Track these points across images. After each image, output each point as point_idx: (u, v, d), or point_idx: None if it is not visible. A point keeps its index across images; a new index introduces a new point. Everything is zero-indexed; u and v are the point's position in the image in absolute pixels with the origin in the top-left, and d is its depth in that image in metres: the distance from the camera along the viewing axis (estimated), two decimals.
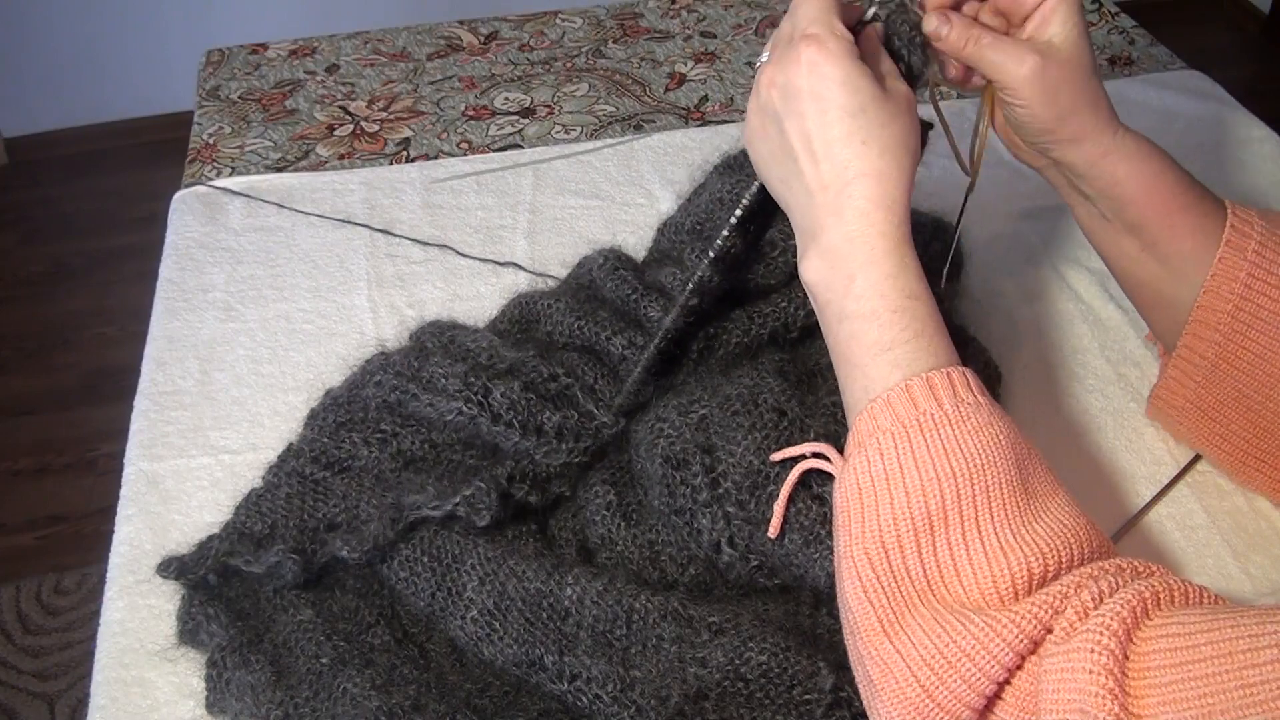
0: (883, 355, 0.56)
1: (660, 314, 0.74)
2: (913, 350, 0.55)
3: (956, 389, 0.54)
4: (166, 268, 0.99)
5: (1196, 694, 0.42)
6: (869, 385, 0.56)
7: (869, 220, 0.57)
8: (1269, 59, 2.88)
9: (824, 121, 0.58)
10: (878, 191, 0.57)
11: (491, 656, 0.64)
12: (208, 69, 1.30)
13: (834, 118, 0.58)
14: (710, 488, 0.65)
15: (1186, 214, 0.67)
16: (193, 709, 0.66)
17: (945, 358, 0.56)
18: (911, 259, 0.58)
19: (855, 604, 0.53)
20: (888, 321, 0.56)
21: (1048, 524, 0.52)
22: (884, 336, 0.56)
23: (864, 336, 0.57)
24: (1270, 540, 0.73)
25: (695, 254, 0.74)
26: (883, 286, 0.57)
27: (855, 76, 0.58)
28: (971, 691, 0.48)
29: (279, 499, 0.70)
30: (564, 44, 1.32)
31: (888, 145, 0.58)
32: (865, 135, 0.57)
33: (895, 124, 0.58)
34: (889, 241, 0.57)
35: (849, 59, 0.58)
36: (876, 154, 0.57)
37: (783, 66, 0.59)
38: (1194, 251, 0.67)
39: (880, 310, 0.56)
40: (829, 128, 0.58)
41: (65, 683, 1.59)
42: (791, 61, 0.59)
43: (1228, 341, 0.68)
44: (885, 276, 0.57)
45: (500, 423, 0.70)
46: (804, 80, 0.58)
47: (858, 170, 0.57)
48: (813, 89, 0.58)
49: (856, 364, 0.57)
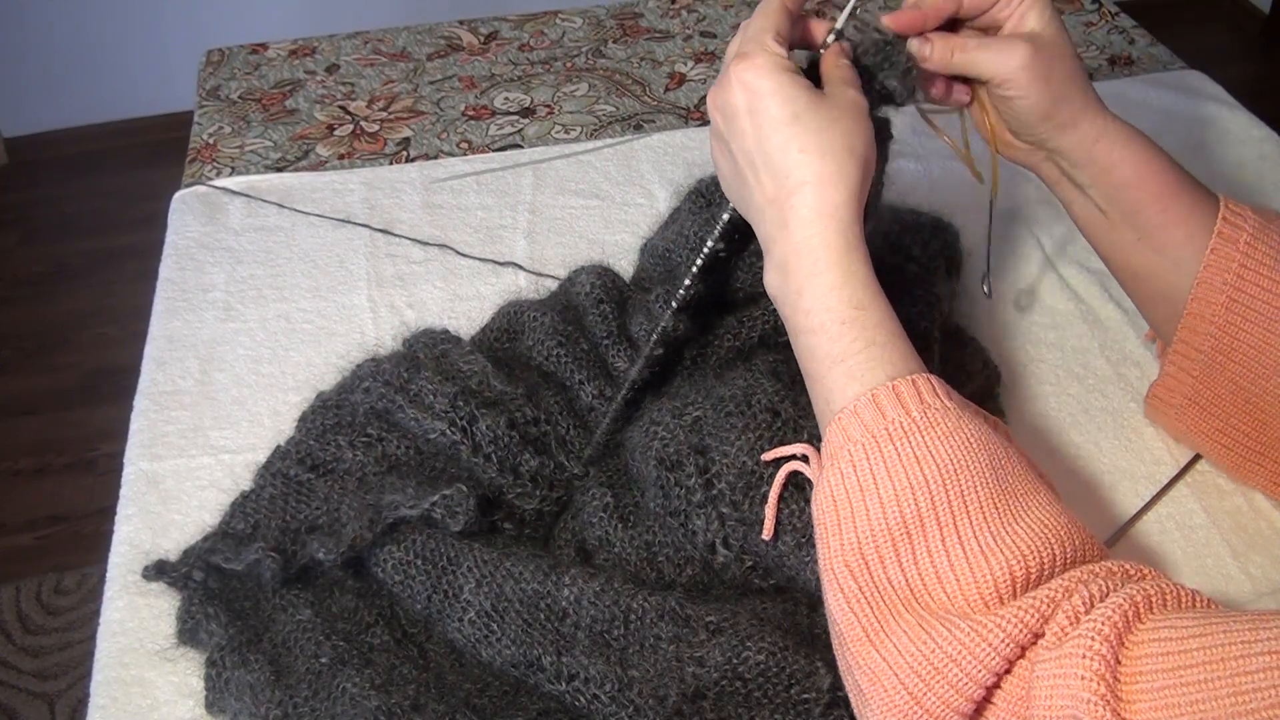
0: (836, 368, 0.56)
1: (627, 364, 0.76)
2: (865, 361, 0.56)
3: (923, 395, 0.54)
4: (166, 268, 0.99)
5: (1188, 699, 0.42)
6: (829, 398, 0.56)
7: (813, 230, 0.58)
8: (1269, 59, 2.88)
9: (760, 135, 0.59)
10: (819, 200, 0.58)
11: (490, 658, 0.64)
12: (208, 69, 1.30)
13: (770, 129, 0.59)
14: (704, 489, 0.65)
15: (1179, 198, 0.68)
16: (192, 709, 0.66)
17: (903, 364, 0.56)
18: (860, 266, 0.58)
19: (839, 615, 0.53)
20: (836, 334, 0.56)
21: (1028, 524, 0.52)
22: (834, 349, 0.56)
23: (817, 350, 0.57)
24: (1270, 540, 0.73)
25: (660, 303, 0.74)
26: (828, 299, 0.57)
27: (785, 86, 0.58)
28: (960, 697, 0.48)
29: (263, 500, 0.71)
30: (564, 44, 1.32)
31: (827, 149, 0.58)
32: (802, 143, 0.58)
33: (834, 128, 0.58)
34: (834, 252, 0.57)
35: (778, 71, 0.59)
36: (817, 159, 0.58)
37: (721, 88, 0.61)
38: (1188, 239, 0.68)
39: (828, 323, 0.57)
40: (766, 140, 0.59)
41: (65, 683, 1.60)
42: (725, 82, 0.60)
43: (1222, 334, 0.68)
44: (830, 288, 0.57)
45: (480, 454, 0.71)
46: (739, 98, 0.60)
47: (798, 179, 0.58)
48: (748, 105, 0.59)
49: (816, 377, 0.58)
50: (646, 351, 0.72)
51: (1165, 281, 0.70)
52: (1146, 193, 0.68)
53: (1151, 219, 0.68)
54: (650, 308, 0.76)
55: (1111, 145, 0.67)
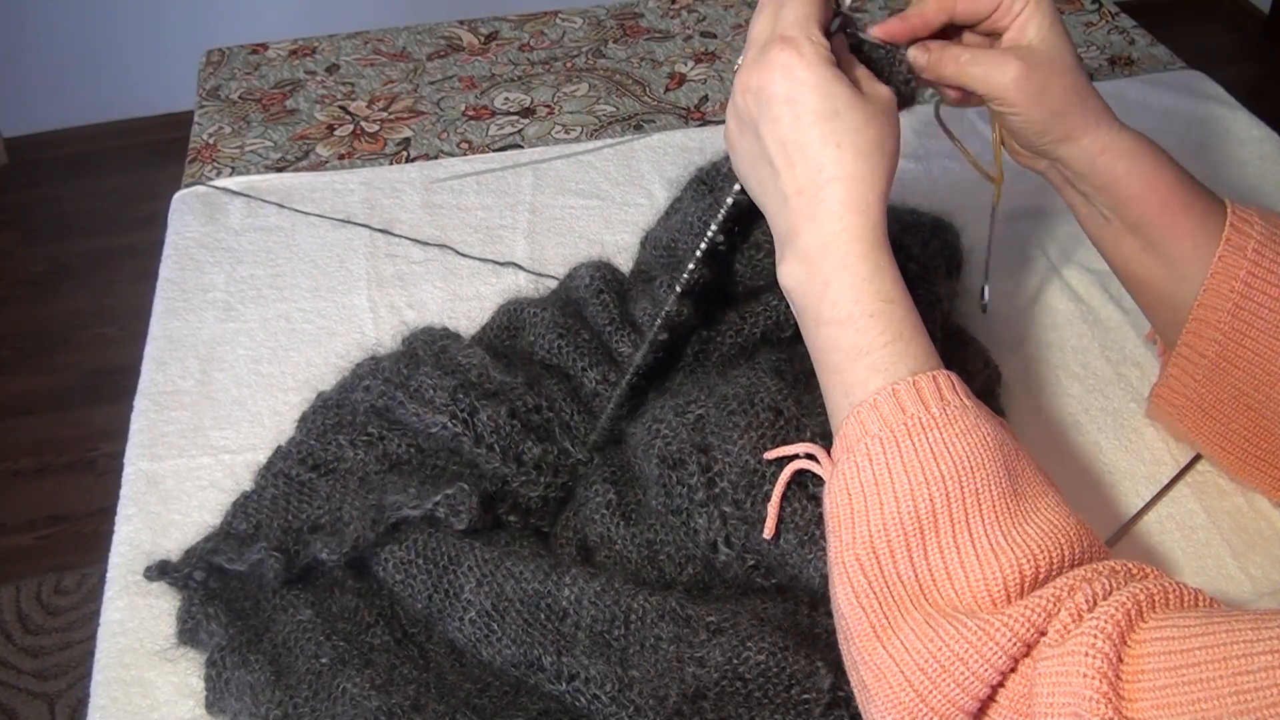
0: (860, 360, 0.56)
1: (631, 349, 0.76)
2: (890, 354, 0.55)
3: (943, 392, 0.54)
4: (166, 268, 0.99)
5: (1191, 698, 0.42)
6: (849, 390, 0.56)
7: (843, 224, 0.57)
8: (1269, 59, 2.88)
9: (798, 126, 0.58)
10: (852, 195, 0.57)
11: (490, 657, 0.64)
12: (208, 69, 1.30)
13: (808, 122, 0.58)
14: (706, 487, 0.65)
15: (1186, 211, 0.67)
16: (192, 709, 0.66)
17: (925, 361, 0.56)
18: (887, 262, 0.58)
19: (847, 609, 0.53)
20: (864, 326, 0.56)
21: (1038, 525, 0.52)
22: (860, 341, 0.56)
23: (841, 341, 0.57)
24: (1270, 540, 0.73)
25: (664, 288, 0.74)
26: (858, 291, 0.57)
27: (829, 81, 0.58)
28: (965, 695, 0.48)
29: (265, 500, 0.71)
30: (564, 44, 1.32)
31: (863, 148, 0.58)
32: (839, 139, 0.57)
33: (870, 127, 0.58)
34: (863, 245, 0.57)
35: (823, 64, 0.58)
36: (851, 157, 0.57)
37: (757, 70, 0.59)
38: (1194, 250, 0.67)
39: (856, 315, 0.56)
40: (803, 132, 0.58)
41: (65, 683, 1.60)
42: (765, 66, 0.59)
43: (1228, 340, 0.68)
44: (861, 280, 0.57)
45: (482, 445, 0.71)
46: (778, 85, 0.58)
47: (832, 174, 0.57)
48: (787, 94, 0.58)
49: (835, 369, 0.57)
50: (651, 335, 0.71)
51: (1170, 288, 0.70)
52: (1152, 205, 0.67)
53: (1158, 230, 0.68)
54: (655, 293, 0.76)
55: (1116, 158, 0.67)
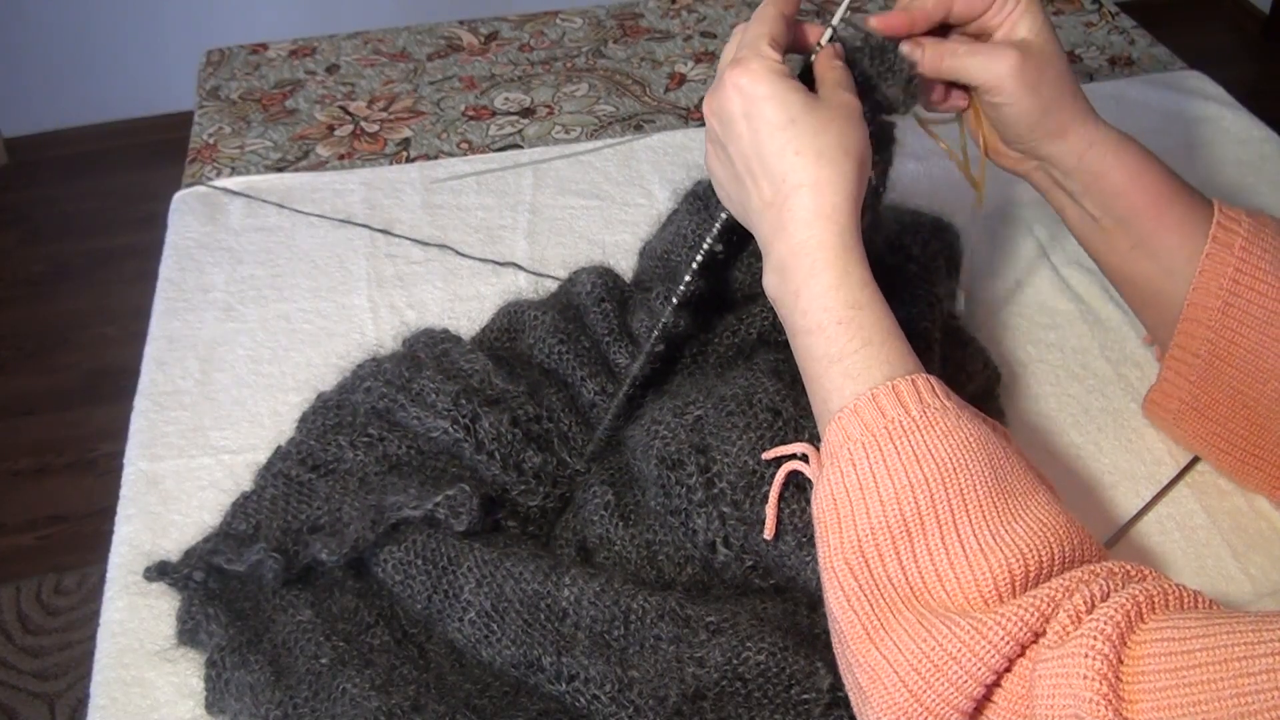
0: (833, 367, 0.57)
1: (628, 361, 0.76)
2: (861, 360, 0.56)
3: (922, 395, 0.54)
4: (166, 268, 0.99)
5: (1191, 700, 0.42)
6: (827, 398, 0.57)
7: (810, 232, 0.58)
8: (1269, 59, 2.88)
9: (757, 139, 0.59)
10: (817, 202, 0.58)
11: (490, 658, 0.64)
12: (208, 69, 1.30)
13: (766, 133, 0.59)
14: (705, 488, 0.65)
15: (1173, 205, 0.68)
16: (192, 709, 0.66)
17: (900, 364, 0.56)
18: (856, 266, 0.58)
19: (839, 613, 0.53)
20: (833, 334, 0.57)
21: (1027, 523, 0.52)
22: (831, 349, 0.57)
23: (815, 349, 0.58)
24: (1270, 540, 0.73)
25: (660, 300, 0.75)
26: (825, 299, 0.57)
27: (782, 91, 0.59)
28: (960, 695, 0.48)
29: (264, 500, 0.71)
30: (564, 44, 1.32)
31: (824, 151, 0.58)
32: (798, 145, 0.58)
33: (829, 131, 0.59)
34: (829, 252, 0.58)
35: (774, 76, 0.59)
36: (813, 162, 0.58)
37: (716, 94, 0.61)
38: (1182, 245, 0.68)
39: (825, 323, 0.57)
40: (762, 144, 0.59)
41: (65, 683, 1.60)
42: (721, 88, 0.61)
43: (1219, 338, 0.68)
44: (827, 288, 0.57)
45: (483, 451, 0.71)
46: (734, 103, 0.60)
47: (795, 182, 0.58)
48: (743, 109, 0.60)
49: (814, 377, 0.58)
50: (648, 348, 0.72)
51: (1160, 287, 0.70)
52: (1139, 200, 0.68)
53: (1145, 226, 0.69)
54: (651, 305, 0.77)
55: (1103, 154, 0.68)
